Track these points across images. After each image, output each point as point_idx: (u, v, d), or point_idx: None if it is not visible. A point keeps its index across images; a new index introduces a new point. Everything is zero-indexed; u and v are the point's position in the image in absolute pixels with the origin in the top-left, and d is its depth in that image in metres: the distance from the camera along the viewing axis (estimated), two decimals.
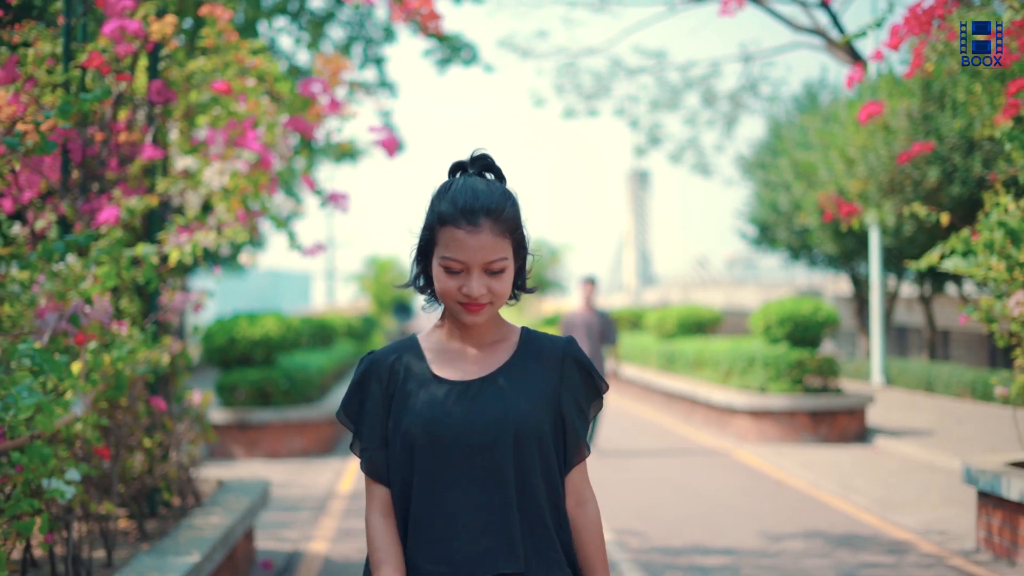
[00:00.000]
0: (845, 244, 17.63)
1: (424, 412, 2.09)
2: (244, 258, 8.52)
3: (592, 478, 2.33)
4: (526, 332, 2.21)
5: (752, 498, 8.19)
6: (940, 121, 13.02)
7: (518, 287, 2.18)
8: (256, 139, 5.17)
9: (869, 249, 17.11)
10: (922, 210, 6.52)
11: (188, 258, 4.87)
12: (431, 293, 2.17)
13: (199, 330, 6.67)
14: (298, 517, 7.58)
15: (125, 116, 5.13)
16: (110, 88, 4.78)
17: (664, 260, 62.32)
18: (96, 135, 4.88)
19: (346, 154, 15.90)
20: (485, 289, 2.06)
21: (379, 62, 15.91)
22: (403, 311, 32.67)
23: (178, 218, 5.35)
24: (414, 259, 2.17)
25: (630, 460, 10.07)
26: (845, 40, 6.89)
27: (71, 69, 4.70)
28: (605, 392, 2.22)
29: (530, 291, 2.21)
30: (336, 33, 15.81)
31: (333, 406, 11.16)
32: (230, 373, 10.64)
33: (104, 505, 4.15)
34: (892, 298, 19.60)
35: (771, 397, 11.31)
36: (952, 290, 18.21)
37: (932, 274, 15.76)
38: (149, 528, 4.87)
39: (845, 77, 6.69)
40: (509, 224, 2.08)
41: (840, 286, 26.58)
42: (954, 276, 15.66)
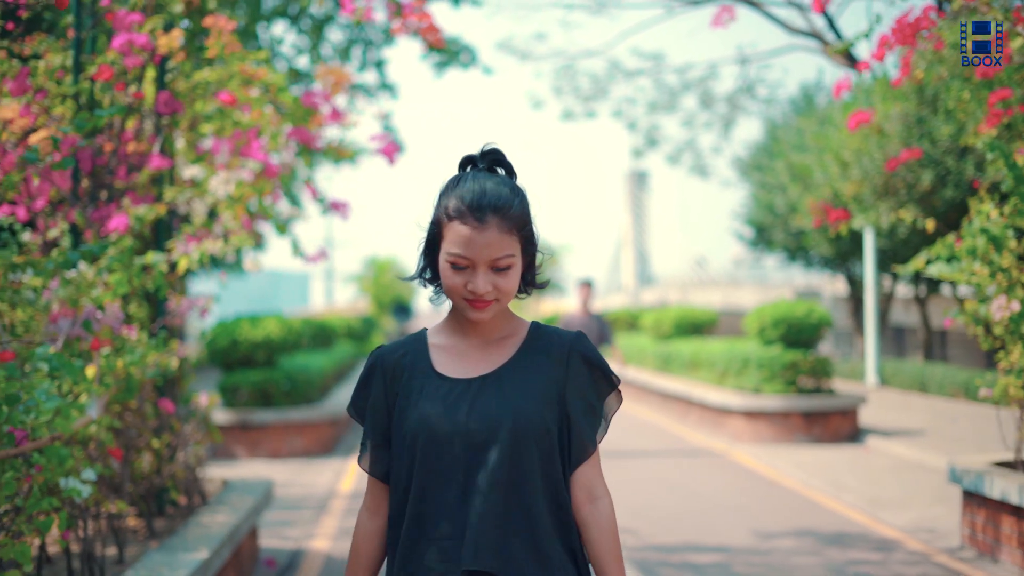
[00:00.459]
0: (840, 246, 17.76)
1: (425, 410, 2.07)
2: (249, 264, 8.62)
3: None
4: (535, 327, 2.17)
5: (746, 497, 8.34)
6: (933, 125, 13.12)
7: (528, 283, 2.14)
8: (260, 148, 5.31)
9: (864, 251, 17.24)
10: (909, 215, 6.66)
11: (196, 265, 5.01)
12: (438, 286, 2.14)
13: (207, 335, 6.79)
14: (300, 516, 7.72)
15: (133, 126, 5.26)
16: (123, 105, 4.90)
17: (662, 260, 62.59)
18: (105, 145, 5.00)
19: (345, 157, 16.00)
20: (491, 286, 2.04)
21: (379, 65, 16.03)
22: (402, 312, 32.64)
23: (186, 226, 5.48)
24: (421, 252, 2.14)
25: (627, 460, 10.21)
26: (836, 49, 7.04)
27: (81, 81, 4.84)
28: (618, 384, 2.16)
29: (540, 286, 2.17)
30: (335, 36, 15.92)
31: (333, 407, 11.32)
32: (232, 374, 10.76)
33: (116, 504, 4.28)
34: (888, 299, 19.71)
35: (765, 398, 11.45)
36: (947, 291, 18.34)
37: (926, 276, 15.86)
38: (158, 526, 5.00)
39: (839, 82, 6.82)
40: (517, 221, 2.05)
41: (838, 287, 26.68)
42: None
